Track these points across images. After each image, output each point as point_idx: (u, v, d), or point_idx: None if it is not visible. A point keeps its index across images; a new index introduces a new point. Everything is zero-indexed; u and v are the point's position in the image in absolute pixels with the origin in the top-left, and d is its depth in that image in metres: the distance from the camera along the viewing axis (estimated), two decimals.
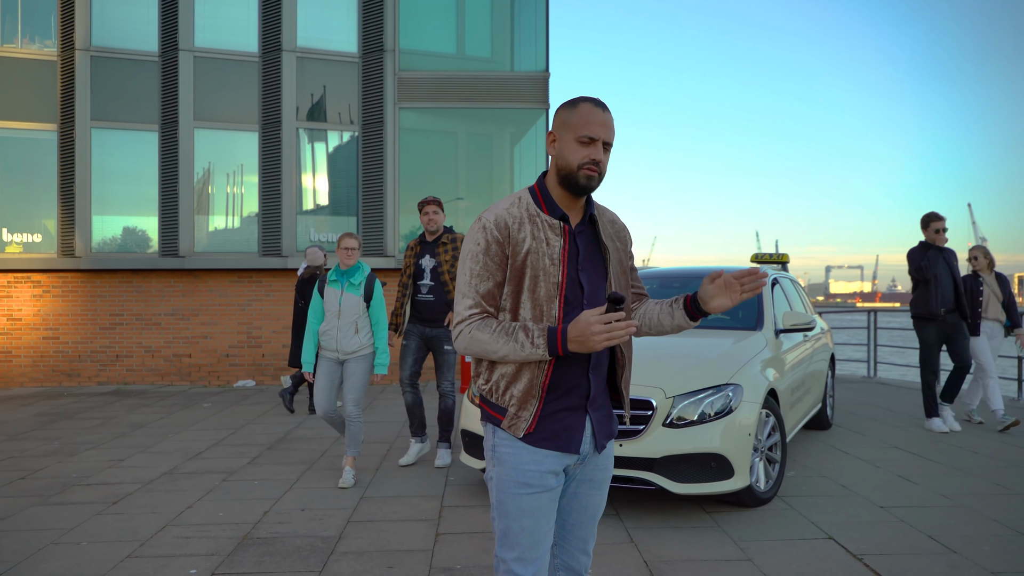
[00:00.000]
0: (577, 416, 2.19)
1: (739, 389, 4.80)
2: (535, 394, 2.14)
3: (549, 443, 2.16)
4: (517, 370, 2.15)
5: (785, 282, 7.24)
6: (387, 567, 3.98)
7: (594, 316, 1.99)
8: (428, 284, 5.98)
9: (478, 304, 2.14)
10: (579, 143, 2.13)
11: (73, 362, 11.70)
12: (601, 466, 2.30)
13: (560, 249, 2.15)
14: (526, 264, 2.13)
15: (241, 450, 6.90)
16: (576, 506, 2.29)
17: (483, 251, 2.14)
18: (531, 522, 2.16)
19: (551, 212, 2.18)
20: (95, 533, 4.56)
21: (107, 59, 11.72)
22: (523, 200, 2.20)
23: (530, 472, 2.16)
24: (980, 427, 7.79)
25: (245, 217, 12.19)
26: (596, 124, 2.13)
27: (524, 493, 2.16)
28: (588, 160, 2.12)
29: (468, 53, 13.04)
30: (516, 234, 2.14)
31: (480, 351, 2.13)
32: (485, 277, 2.14)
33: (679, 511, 4.89)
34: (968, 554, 4.12)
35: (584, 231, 2.23)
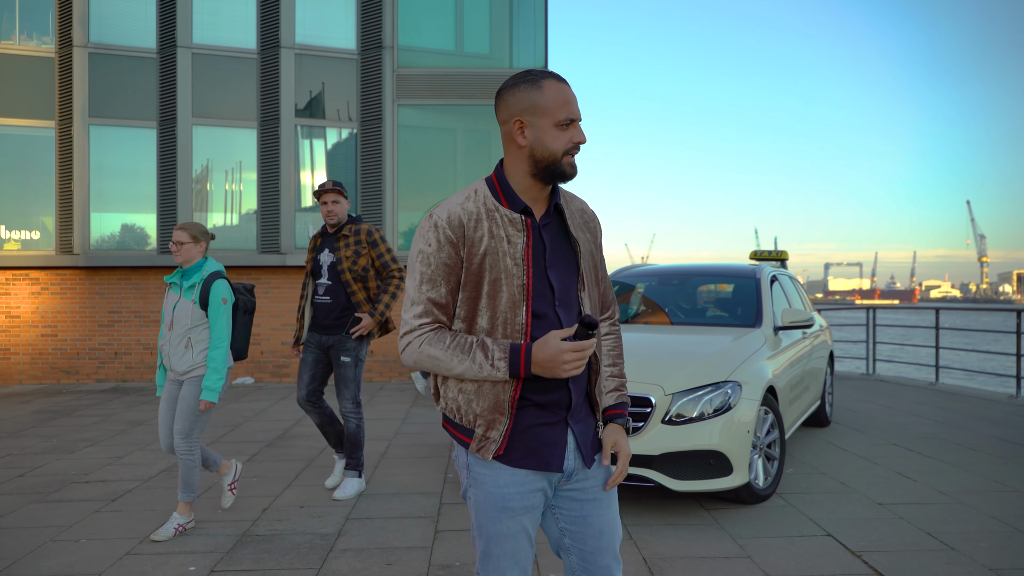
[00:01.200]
0: (557, 430, 1.97)
1: (738, 386, 4.81)
2: (504, 411, 1.91)
3: (528, 461, 1.95)
4: (481, 388, 1.91)
5: (784, 279, 7.24)
6: (386, 564, 3.98)
7: (566, 344, 1.80)
8: (326, 284, 5.13)
9: (428, 312, 1.92)
10: (558, 127, 1.91)
11: (72, 359, 11.70)
12: (600, 478, 2.07)
13: (523, 246, 1.91)
14: (484, 266, 1.89)
15: (240, 447, 6.90)
16: (590, 532, 2.04)
17: (434, 252, 1.90)
18: (512, 545, 1.99)
19: (512, 205, 1.94)
20: (94, 530, 4.56)
21: (105, 56, 11.70)
22: (479, 193, 1.96)
23: (510, 495, 1.96)
24: (978, 424, 7.80)
25: (243, 214, 12.18)
26: (572, 102, 1.92)
27: (505, 518, 1.97)
28: (572, 145, 1.92)
29: (467, 50, 13.03)
30: (472, 232, 1.90)
31: (432, 367, 1.91)
32: (437, 282, 1.91)
33: (678, 508, 4.89)
34: (966, 551, 4.12)
35: (550, 223, 2.00)
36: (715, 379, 4.81)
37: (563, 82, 1.95)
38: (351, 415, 5.14)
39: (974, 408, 8.86)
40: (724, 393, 4.74)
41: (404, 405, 9.34)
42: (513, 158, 1.97)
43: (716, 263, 7.49)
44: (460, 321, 1.94)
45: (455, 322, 1.94)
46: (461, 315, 1.94)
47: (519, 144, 1.93)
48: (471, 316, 1.93)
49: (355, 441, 5.20)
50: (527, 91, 1.93)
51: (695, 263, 7.43)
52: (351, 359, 5.11)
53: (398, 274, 5.20)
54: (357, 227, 5.18)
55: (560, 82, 1.94)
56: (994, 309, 11.22)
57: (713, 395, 4.71)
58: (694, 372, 4.83)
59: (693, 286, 7.04)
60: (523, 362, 1.84)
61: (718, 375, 4.85)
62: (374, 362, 12.08)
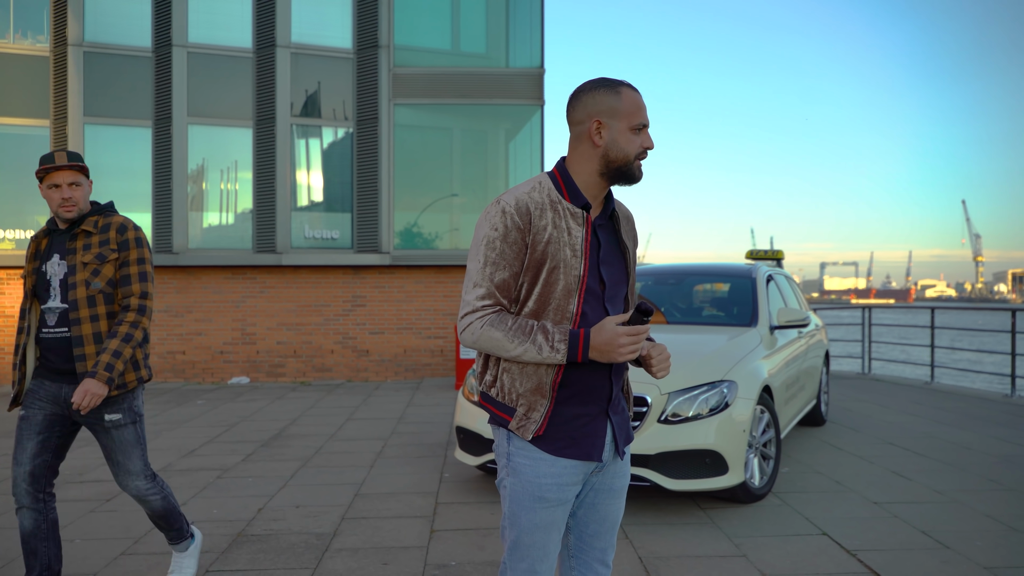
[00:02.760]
0: (599, 421, 2.05)
1: (734, 385, 4.81)
2: (545, 393, 1.99)
3: (571, 451, 2.02)
4: (527, 369, 2.00)
5: (780, 279, 7.25)
6: (382, 564, 3.97)
7: (623, 328, 1.89)
8: (58, 308, 3.25)
9: (491, 295, 1.97)
10: (632, 131, 2.01)
11: None
12: (620, 473, 2.18)
13: (583, 240, 2.00)
14: (546, 254, 1.97)
15: (235, 447, 6.89)
16: (595, 517, 2.15)
17: (501, 237, 1.96)
18: (544, 536, 2.05)
19: (574, 200, 2.02)
20: (88, 530, 4.55)
21: (100, 54, 11.67)
22: (544, 185, 2.04)
23: (548, 485, 2.02)
24: (973, 423, 7.82)
25: (239, 213, 12.15)
26: (643, 110, 2.04)
27: (540, 508, 2.03)
28: (642, 149, 2.03)
29: (463, 49, 13.02)
30: (537, 220, 1.97)
31: (490, 348, 1.97)
32: (502, 266, 1.97)
33: (674, 507, 4.89)
34: (961, 549, 4.13)
35: (604, 225, 2.10)
36: (711, 378, 4.81)
37: (637, 91, 2.06)
38: (149, 494, 3.43)
39: (969, 407, 8.88)
40: (720, 392, 4.74)
41: (400, 405, 9.33)
42: (584, 156, 2.04)
43: (712, 262, 7.49)
44: (515, 304, 2.03)
45: (512, 306, 2.03)
46: (519, 298, 2.02)
47: (595, 143, 2.02)
48: (527, 299, 2.01)
49: (168, 513, 3.53)
50: (606, 95, 2.02)
51: (691, 262, 7.43)
52: (123, 415, 3.32)
53: (138, 303, 3.30)
54: (108, 221, 3.41)
55: (635, 91, 2.05)
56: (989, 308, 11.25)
57: (709, 394, 4.71)
58: (690, 371, 4.83)
59: (689, 285, 7.05)
60: (581, 346, 1.92)
61: (714, 374, 4.85)
62: (370, 361, 12.07)
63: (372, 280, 12.16)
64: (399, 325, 12.19)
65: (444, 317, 12.28)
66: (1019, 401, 9.36)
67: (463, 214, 12.81)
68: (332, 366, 12.07)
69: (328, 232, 12.10)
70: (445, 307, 12.30)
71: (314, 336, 12.04)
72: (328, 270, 12.06)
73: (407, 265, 12.13)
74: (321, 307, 12.06)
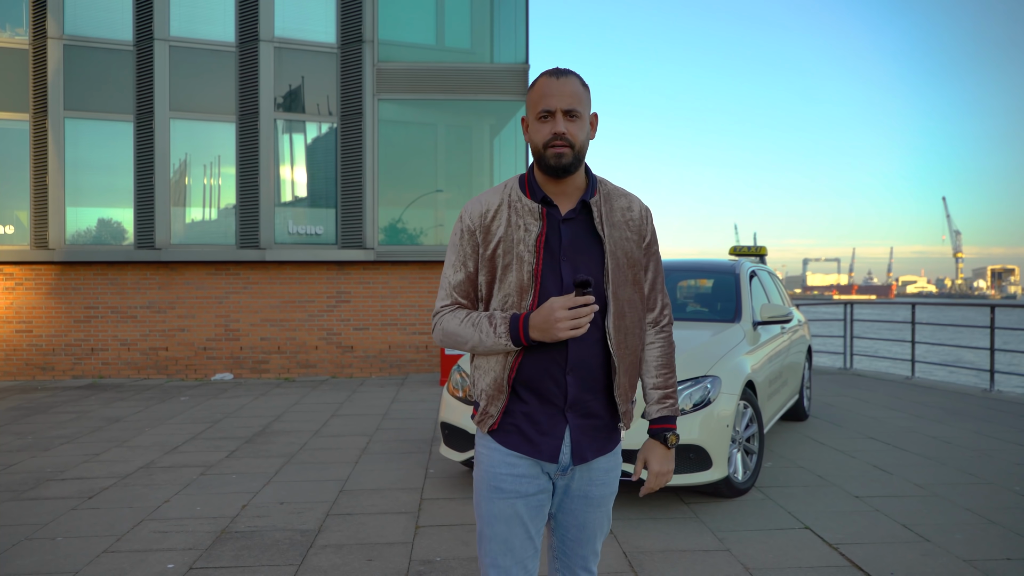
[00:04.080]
0: (555, 420, 2.03)
1: (717, 381, 4.84)
2: (503, 389, 2.02)
3: (522, 447, 2.03)
4: (487, 364, 2.04)
5: (763, 275, 7.29)
6: (367, 560, 3.97)
7: (559, 301, 1.88)
8: None
9: (449, 296, 2.09)
10: (539, 121, 1.99)
11: (47, 355, 11.55)
12: (598, 481, 2.11)
13: (537, 235, 2.00)
14: (497, 251, 2.01)
15: (219, 444, 6.85)
16: (573, 523, 2.13)
17: (458, 241, 2.07)
18: (504, 528, 2.04)
19: (532, 196, 2.04)
20: (70, 528, 4.51)
21: (81, 48, 11.54)
22: (508, 186, 2.09)
23: (502, 476, 2.04)
24: (953, 418, 7.90)
25: (222, 209, 12.07)
26: (551, 95, 1.97)
27: (496, 498, 2.05)
28: (549, 136, 1.97)
29: (448, 44, 12.98)
30: (490, 221, 2.03)
31: (452, 343, 2.06)
32: (459, 268, 2.07)
33: (658, 502, 4.92)
34: (941, 542, 4.18)
35: (576, 218, 2.05)
36: (695, 374, 4.84)
37: (554, 75, 1.99)
38: None
39: (949, 402, 8.98)
40: (704, 388, 4.77)
41: (385, 401, 9.32)
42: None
43: (696, 258, 7.52)
44: (481, 303, 2.09)
45: (480, 305, 2.09)
46: (483, 297, 2.08)
47: (527, 141, 2.07)
48: (488, 297, 2.06)
49: None
50: (528, 92, 2.06)
51: (675, 258, 7.46)
52: None
53: None
54: None
55: (550, 76, 2.00)
56: (968, 304, 11.36)
57: (693, 390, 4.74)
58: None
59: (673, 281, 7.07)
60: (521, 327, 1.94)
61: (698, 370, 4.88)
62: (354, 357, 12.05)
63: (356, 276, 12.12)
64: (383, 321, 12.17)
65: (428, 313, 12.26)
66: (998, 396, 9.47)
67: (448, 210, 12.78)
68: (316, 362, 12.02)
69: (312, 228, 12.05)
70: (430, 303, 12.28)
71: (298, 332, 11.99)
72: (312, 266, 12.01)
73: (392, 261, 12.10)
74: (305, 303, 12.01)
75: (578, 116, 1.99)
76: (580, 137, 1.99)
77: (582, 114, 1.99)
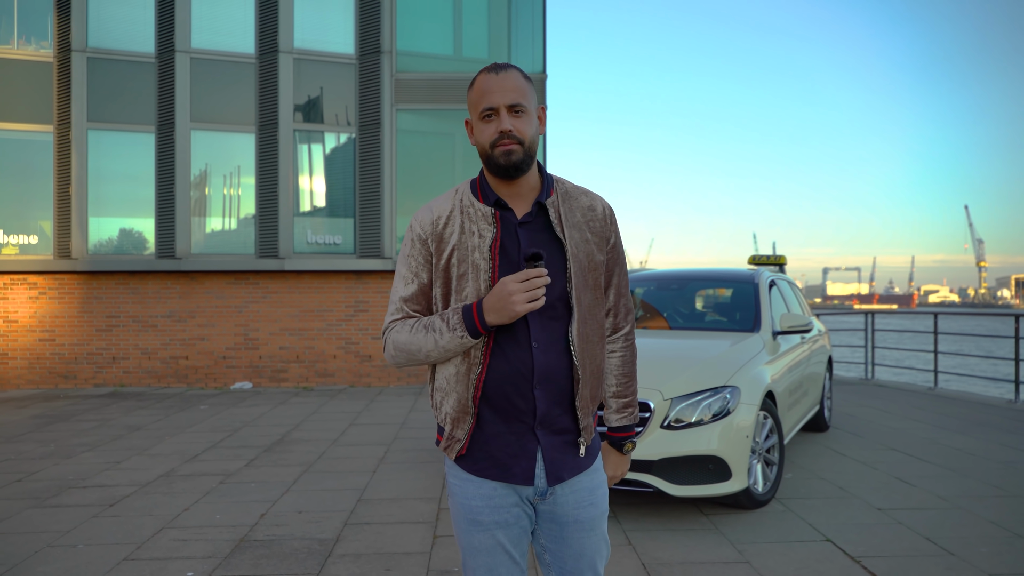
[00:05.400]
0: (525, 440, 1.90)
1: (737, 391, 4.80)
2: (468, 411, 1.89)
3: (492, 471, 1.91)
4: (448, 385, 1.91)
5: (782, 284, 7.24)
6: (385, 569, 3.97)
7: (511, 277, 1.78)
8: None
9: (400, 310, 1.95)
10: (483, 120, 1.89)
11: (69, 364, 11.68)
12: (585, 503, 1.98)
13: (491, 240, 1.88)
14: (452, 260, 1.89)
15: (238, 452, 6.88)
16: (569, 553, 1.99)
17: (408, 252, 1.95)
18: (487, 559, 1.94)
19: (485, 200, 1.92)
20: (92, 536, 4.55)
21: (103, 60, 11.70)
22: (460, 191, 1.97)
23: (478, 508, 1.93)
24: (976, 429, 7.80)
25: (242, 219, 12.17)
26: (492, 91, 1.86)
27: (475, 531, 1.94)
28: (496, 134, 1.86)
29: (465, 54, 13.04)
30: (441, 229, 1.91)
31: (406, 357, 1.92)
32: (410, 279, 1.94)
33: (677, 513, 4.88)
34: (965, 556, 4.12)
35: (532, 221, 1.93)
36: (714, 384, 4.81)
37: (492, 71, 1.89)
38: None
39: (973, 413, 8.86)
40: (723, 398, 4.73)
41: (403, 410, 9.33)
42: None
43: (714, 268, 7.49)
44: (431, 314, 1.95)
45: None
46: (438, 310, 1.93)
47: (473, 144, 1.95)
48: (442, 309, 1.93)
49: None
50: (468, 92, 1.93)
51: (694, 268, 7.43)
52: None
53: None
54: None
55: (488, 72, 1.89)
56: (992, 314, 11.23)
57: (712, 400, 4.71)
58: (693, 377, 4.83)
59: (692, 291, 7.04)
60: (475, 313, 1.82)
61: (717, 380, 4.85)
62: (372, 367, 12.08)
63: (374, 285, 12.17)
64: None
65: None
66: (1023, 407, 9.33)
67: None
68: (334, 371, 12.07)
69: (330, 237, 12.12)
70: None
71: (316, 341, 12.04)
72: (330, 275, 12.07)
73: None
74: (324, 312, 12.07)
75: (524, 111, 1.87)
76: (528, 132, 1.88)
77: (528, 108, 1.88)
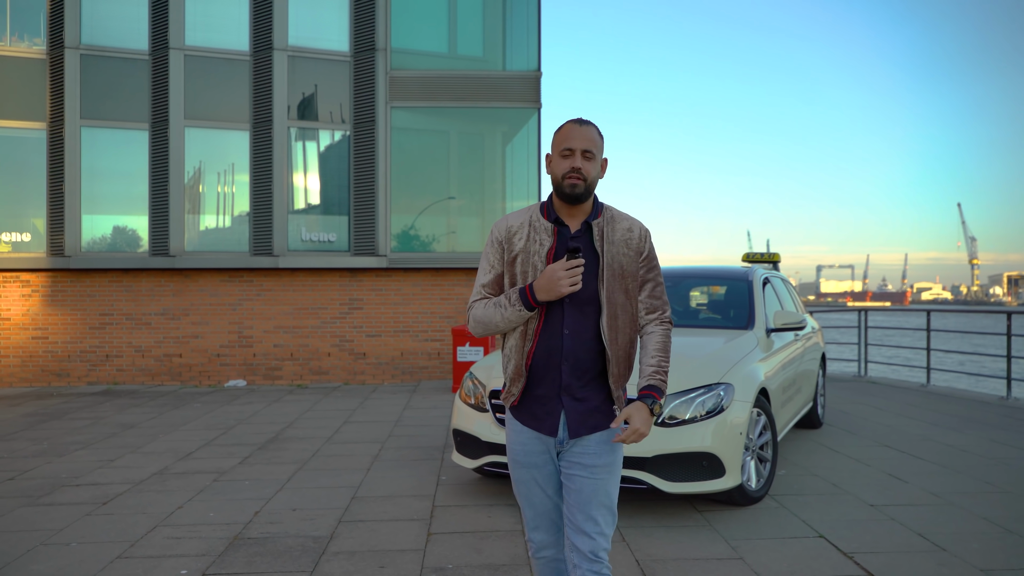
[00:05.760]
0: (553, 402, 2.50)
1: (730, 388, 4.81)
2: (521, 373, 2.51)
3: (531, 423, 2.54)
4: (511, 352, 2.52)
5: (776, 281, 7.26)
6: (379, 567, 3.97)
7: (557, 265, 2.37)
8: None
9: (479, 292, 2.58)
10: (561, 156, 2.47)
11: (62, 362, 11.64)
12: (591, 451, 2.51)
13: (548, 249, 2.49)
14: (516, 260, 2.52)
15: (232, 450, 6.88)
16: (572, 488, 2.51)
17: (488, 251, 2.58)
18: (526, 491, 2.60)
19: (548, 217, 2.53)
20: (85, 534, 4.54)
21: (97, 57, 11.66)
22: (532, 208, 2.59)
23: (517, 450, 2.58)
24: (969, 426, 7.83)
25: (236, 216, 12.14)
26: (573, 137, 2.46)
27: (516, 467, 2.60)
28: (568, 169, 2.44)
29: (460, 52, 13.03)
30: (513, 236, 2.54)
31: (483, 327, 2.54)
32: (487, 270, 2.58)
33: (671, 510, 4.90)
34: (958, 552, 4.14)
35: (581, 236, 2.52)
36: (708, 381, 4.82)
37: (577, 123, 2.50)
38: None
39: (965, 410, 8.90)
40: (717, 395, 4.74)
41: (397, 408, 9.33)
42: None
43: (709, 265, 7.50)
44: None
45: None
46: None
47: (548, 172, 2.54)
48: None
49: None
50: (555, 134, 2.54)
51: (688, 265, 7.44)
52: None
53: None
54: None
55: (574, 124, 2.50)
56: (985, 311, 11.28)
57: (706, 397, 4.72)
58: (687, 374, 4.84)
59: (686, 288, 7.05)
60: (528, 292, 2.43)
61: (711, 377, 4.86)
62: (367, 364, 12.08)
63: (369, 283, 12.16)
64: (396, 328, 12.19)
65: (441, 320, 12.28)
66: (1015, 404, 9.38)
67: (460, 217, 12.81)
68: (329, 369, 12.06)
69: (325, 235, 12.10)
70: (442, 310, 12.30)
71: (311, 339, 12.03)
72: (325, 273, 12.06)
73: (404, 268, 12.12)
74: (318, 310, 12.06)
75: (592, 157, 2.47)
76: (592, 173, 2.47)
77: (596, 156, 2.48)
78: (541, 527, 2.64)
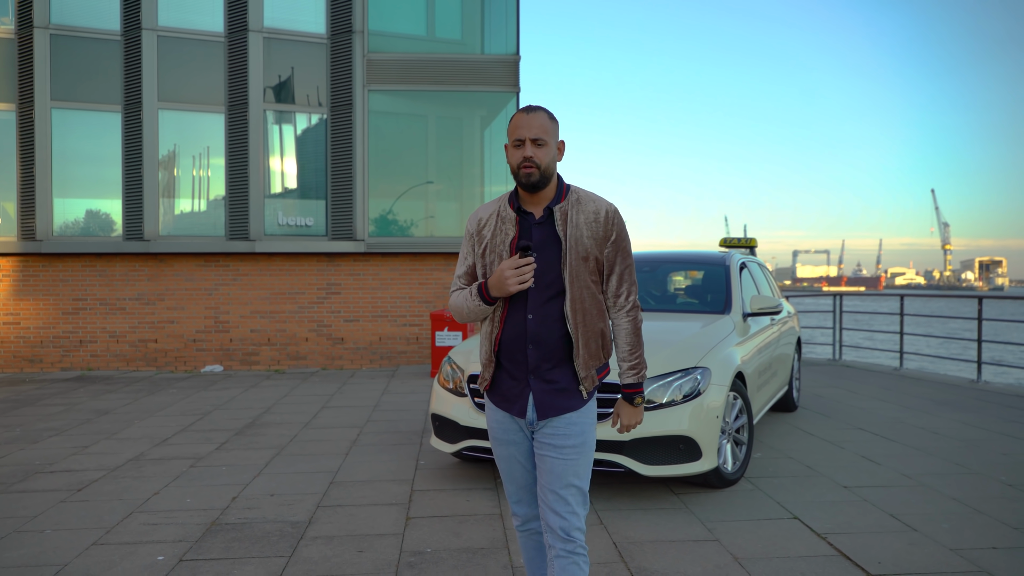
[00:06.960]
0: (521, 385, 2.59)
1: (707, 372, 4.85)
2: (491, 359, 2.63)
3: (504, 405, 2.65)
4: (483, 338, 2.65)
5: (753, 266, 7.31)
6: (357, 551, 3.98)
7: (506, 263, 2.47)
8: None
9: (456, 282, 2.73)
10: (514, 147, 2.53)
11: (35, 348, 11.49)
12: (561, 432, 2.57)
13: (511, 238, 2.58)
14: (486, 249, 2.62)
15: (209, 436, 6.83)
16: (543, 468, 2.59)
17: (463, 242, 2.72)
18: (507, 467, 2.71)
19: (514, 207, 2.60)
20: (60, 521, 4.50)
21: (67, 37, 11.43)
22: (502, 199, 2.66)
23: (495, 428, 2.71)
24: (940, 408, 7.96)
25: (211, 200, 12.01)
26: (523, 127, 2.50)
27: (496, 444, 2.72)
28: (521, 159, 2.50)
29: (438, 35, 12.92)
30: (483, 228, 2.65)
31: (459, 315, 2.67)
32: (463, 260, 2.72)
33: (648, 493, 4.94)
34: (928, 531, 4.22)
35: (544, 222, 2.58)
36: (685, 365, 4.85)
37: (526, 111, 2.53)
38: None
39: (937, 393, 9.04)
40: (694, 379, 4.78)
41: (375, 393, 9.31)
42: None
43: (686, 250, 7.54)
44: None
45: None
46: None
47: (508, 163, 2.58)
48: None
49: None
50: (508, 125, 2.57)
51: (665, 250, 7.47)
52: None
53: None
54: None
55: (523, 112, 2.53)
56: (957, 296, 11.44)
57: (683, 381, 4.75)
58: (664, 358, 4.87)
59: (663, 273, 7.08)
60: (484, 288, 2.55)
61: (688, 361, 4.89)
62: (344, 349, 12.03)
63: (347, 267, 12.09)
64: (374, 313, 12.15)
65: (419, 305, 12.25)
66: (985, 387, 9.54)
67: (438, 201, 12.76)
68: (307, 354, 12.00)
69: (302, 219, 12.00)
70: (420, 295, 12.27)
71: (288, 324, 11.96)
72: (302, 257, 11.97)
73: (382, 252, 12.07)
74: (295, 295, 11.98)
75: (544, 143, 2.50)
76: (546, 160, 2.50)
77: (548, 142, 2.51)
78: (524, 500, 2.74)
